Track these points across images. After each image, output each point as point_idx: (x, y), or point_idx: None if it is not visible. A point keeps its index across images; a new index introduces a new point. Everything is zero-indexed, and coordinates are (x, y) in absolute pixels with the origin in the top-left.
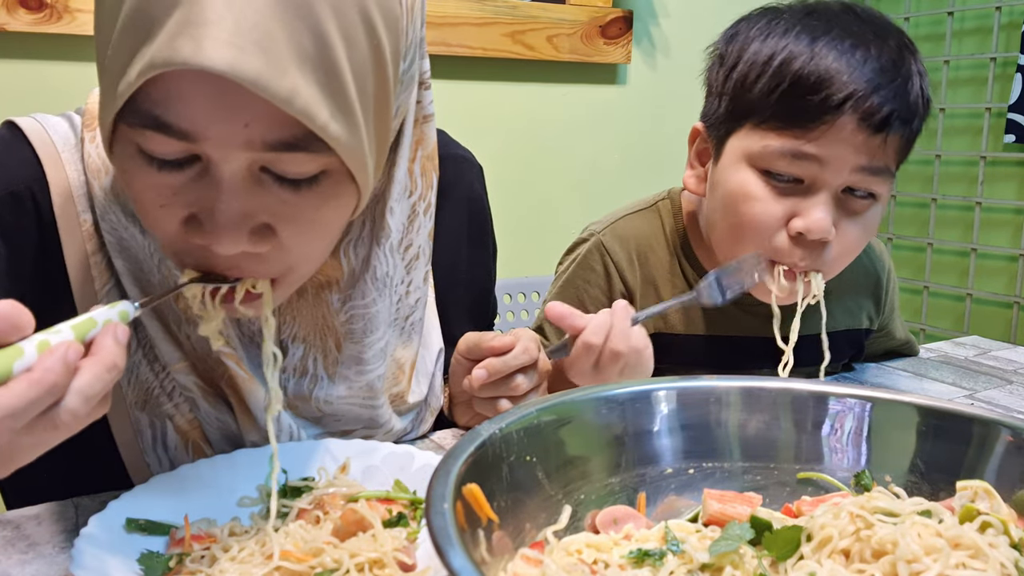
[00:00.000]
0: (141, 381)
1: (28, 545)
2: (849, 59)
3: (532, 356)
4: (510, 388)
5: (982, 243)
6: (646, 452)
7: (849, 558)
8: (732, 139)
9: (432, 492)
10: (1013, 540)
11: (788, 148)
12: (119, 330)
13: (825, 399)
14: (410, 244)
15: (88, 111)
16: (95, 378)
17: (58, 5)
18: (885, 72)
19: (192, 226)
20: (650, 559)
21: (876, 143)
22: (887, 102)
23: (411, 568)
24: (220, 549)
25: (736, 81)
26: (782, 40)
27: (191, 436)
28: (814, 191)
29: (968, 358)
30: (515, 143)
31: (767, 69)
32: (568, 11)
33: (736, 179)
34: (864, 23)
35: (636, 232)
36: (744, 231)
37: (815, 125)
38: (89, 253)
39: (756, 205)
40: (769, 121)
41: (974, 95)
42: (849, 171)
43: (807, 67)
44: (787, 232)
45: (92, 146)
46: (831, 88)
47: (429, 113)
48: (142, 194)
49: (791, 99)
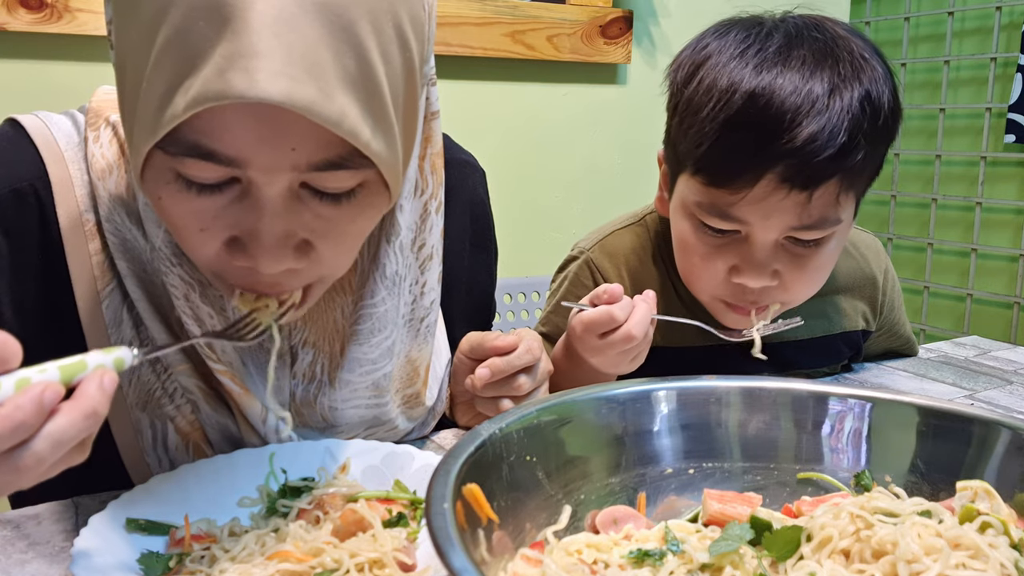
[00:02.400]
0: (143, 382)
1: (28, 545)
2: (776, 110)
3: (535, 356)
4: (512, 388)
5: (982, 243)
6: (646, 452)
7: (849, 558)
8: (679, 180)
9: (432, 492)
10: (1013, 540)
11: (715, 207)
12: (107, 377)
13: (825, 399)
14: (423, 244)
15: (92, 110)
16: (70, 424)
17: (58, 5)
18: (813, 120)
19: (235, 248)
20: (650, 559)
21: (802, 200)
22: (812, 157)
23: (411, 568)
24: (220, 549)
25: (676, 123)
26: (721, 75)
27: (192, 437)
28: (751, 243)
29: (968, 358)
30: (515, 143)
31: (695, 120)
32: (568, 11)
33: (680, 227)
34: (804, 59)
35: (624, 248)
36: (691, 279)
37: (737, 187)
38: (92, 253)
39: (697, 260)
40: (698, 175)
41: (974, 95)
42: (780, 230)
43: (732, 119)
44: (729, 283)
45: (96, 146)
46: (753, 148)
47: (436, 110)
48: (181, 219)
49: (716, 155)
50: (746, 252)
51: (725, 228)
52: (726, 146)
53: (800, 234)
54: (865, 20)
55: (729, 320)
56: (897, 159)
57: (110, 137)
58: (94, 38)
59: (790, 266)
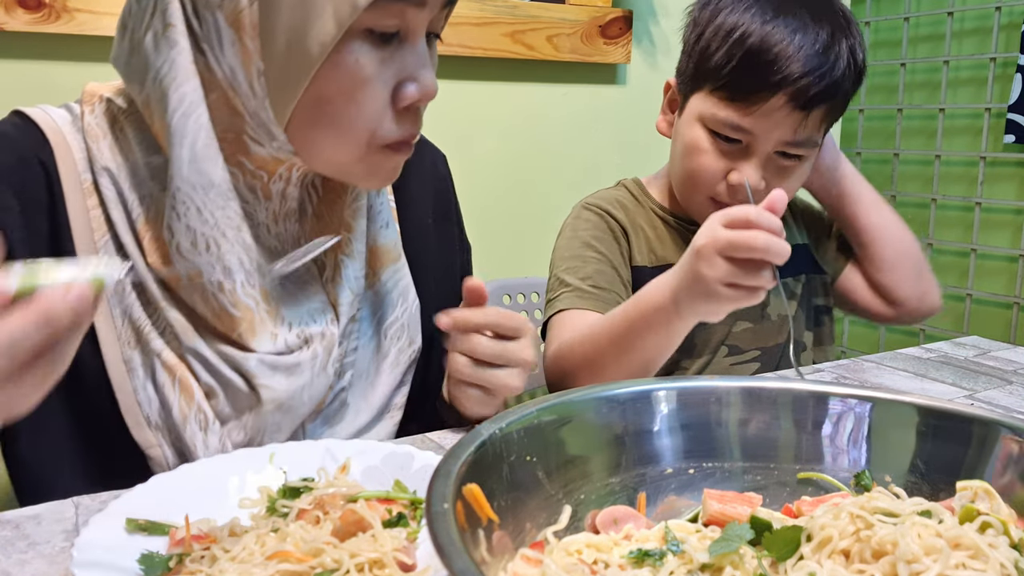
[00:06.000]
0: (134, 319)
1: (28, 545)
2: (788, 44)
3: (512, 325)
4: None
5: (982, 243)
6: (646, 452)
7: (849, 558)
8: (693, 98)
9: (432, 492)
10: (1013, 540)
11: (730, 121)
12: (74, 291)
13: (825, 399)
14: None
15: (86, 92)
16: (19, 326)
17: (56, 4)
18: (817, 57)
19: (397, 99)
20: (650, 559)
21: (799, 119)
22: (814, 85)
23: (411, 568)
24: (220, 549)
25: (701, 47)
26: (743, 16)
27: (177, 372)
28: (749, 153)
29: (968, 358)
30: (515, 143)
31: (725, 42)
32: (568, 11)
33: (691, 134)
34: (805, 5)
35: (608, 196)
36: (694, 178)
37: (752, 102)
38: (89, 208)
39: (703, 158)
40: (719, 91)
41: (974, 95)
42: (776, 143)
43: (757, 46)
44: (726, 183)
45: (91, 116)
46: (771, 71)
47: None
48: (366, 70)
49: (739, 75)
50: (745, 157)
51: (733, 137)
52: (748, 68)
53: (789, 149)
54: (865, 20)
55: None
56: (897, 159)
57: (104, 109)
58: (92, 38)
59: (775, 175)
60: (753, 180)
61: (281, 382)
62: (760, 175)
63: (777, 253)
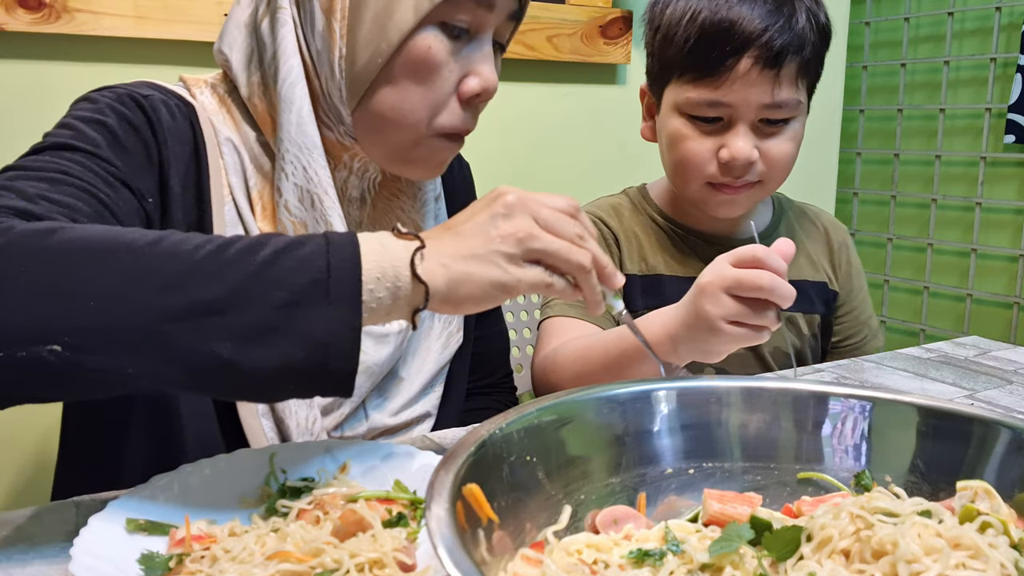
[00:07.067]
0: None
1: (28, 545)
2: (741, 7)
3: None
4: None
5: (982, 243)
6: (646, 452)
7: (849, 558)
8: (666, 92)
9: (432, 492)
10: (1013, 540)
11: (704, 98)
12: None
13: (825, 399)
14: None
15: (185, 79)
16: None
17: (57, 5)
18: (772, 14)
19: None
20: (650, 559)
21: (771, 79)
22: (776, 38)
23: (411, 568)
24: (220, 549)
25: (659, 41)
26: (691, 0)
27: None
28: (733, 126)
29: (968, 358)
30: (515, 143)
31: (679, 27)
32: (568, 11)
33: (671, 125)
34: None
35: (605, 203)
36: (684, 166)
37: (720, 74)
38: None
39: (688, 144)
40: (686, 74)
41: (974, 95)
42: (756, 108)
43: (710, 19)
44: (718, 162)
45: (202, 96)
46: (729, 36)
47: None
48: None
49: (700, 51)
50: (731, 132)
51: (712, 115)
52: (708, 41)
53: (771, 113)
54: (865, 20)
55: (721, 210)
56: (897, 159)
57: (211, 91)
58: (93, 38)
59: (766, 142)
60: (744, 152)
61: (371, 349)
62: (751, 144)
63: (782, 296)
